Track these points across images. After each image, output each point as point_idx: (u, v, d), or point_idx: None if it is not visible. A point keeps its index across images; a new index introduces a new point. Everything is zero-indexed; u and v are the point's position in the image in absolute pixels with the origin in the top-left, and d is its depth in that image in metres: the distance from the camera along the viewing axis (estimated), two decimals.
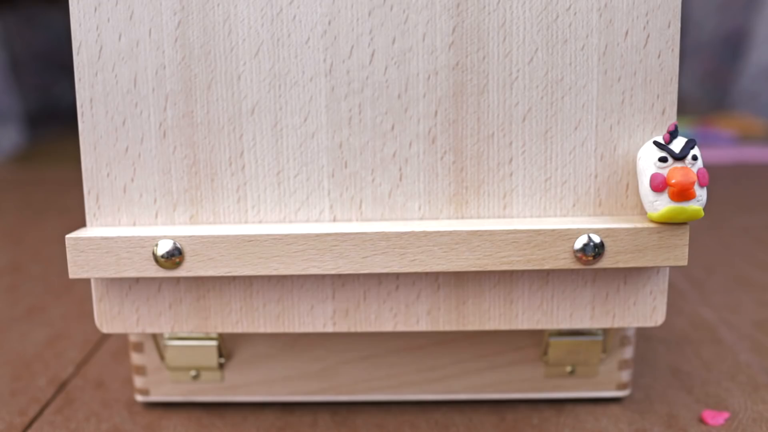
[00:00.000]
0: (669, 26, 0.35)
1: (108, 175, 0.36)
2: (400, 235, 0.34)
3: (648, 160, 0.33)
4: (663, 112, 0.35)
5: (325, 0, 0.34)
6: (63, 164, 1.33)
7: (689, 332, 0.52)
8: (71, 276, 0.35)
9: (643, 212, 0.36)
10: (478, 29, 0.35)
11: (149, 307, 0.37)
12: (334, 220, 0.36)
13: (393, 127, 0.35)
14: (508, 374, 0.41)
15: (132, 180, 0.36)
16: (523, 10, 0.35)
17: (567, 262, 0.34)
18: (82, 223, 0.90)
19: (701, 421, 0.40)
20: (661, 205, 0.33)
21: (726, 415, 0.40)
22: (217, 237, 0.34)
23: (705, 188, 0.33)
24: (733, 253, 0.71)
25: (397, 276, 0.36)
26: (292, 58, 0.35)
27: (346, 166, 0.36)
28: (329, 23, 0.35)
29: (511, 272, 0.36)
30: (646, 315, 0.37)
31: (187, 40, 0.35)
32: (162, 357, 0.41)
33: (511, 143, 0.36)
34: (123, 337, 0.53)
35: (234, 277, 0.37)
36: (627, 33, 0.35)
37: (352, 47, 0.35)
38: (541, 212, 0.36)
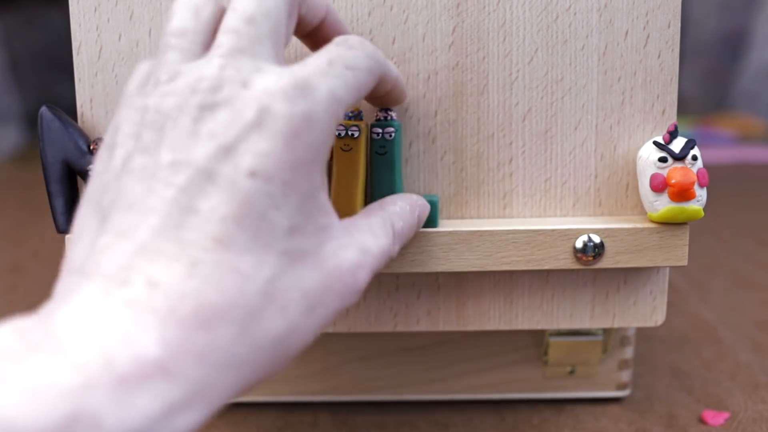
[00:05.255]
0: (669, 26, 0.35)
1: None
2: None
3: (648, 160, 0.33)
4: (663, 112, 0.35)
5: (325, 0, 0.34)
6: None
7: (689, 332, 0.52)
8: None
9: (643, 212, 0.36)
10: (478, 29, 0.35)
11: None
12: None
13: None
14: (508, 374, 0.41)
15: None
16: (523, 10, 0.35)
17: (567, 262, 0.34)
18: None
19: (701, 421, 0.40)
20: (661, 205, 0.33)
21: (726, 415, 0.40)
22: None
23: (705, 188, 0.33)
24: (733, 253, 0.71)
25: (397, 276, 0.36)
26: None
27: None
28: None
29: (511, 272, 0.36)
30: (646, 315, 0.37)
31: None
32: None
33: (511, 143, 0.36)
34: None
35: None
36: (627, 33, 0.35)
37: None
38: (541, 212, 0.36)
